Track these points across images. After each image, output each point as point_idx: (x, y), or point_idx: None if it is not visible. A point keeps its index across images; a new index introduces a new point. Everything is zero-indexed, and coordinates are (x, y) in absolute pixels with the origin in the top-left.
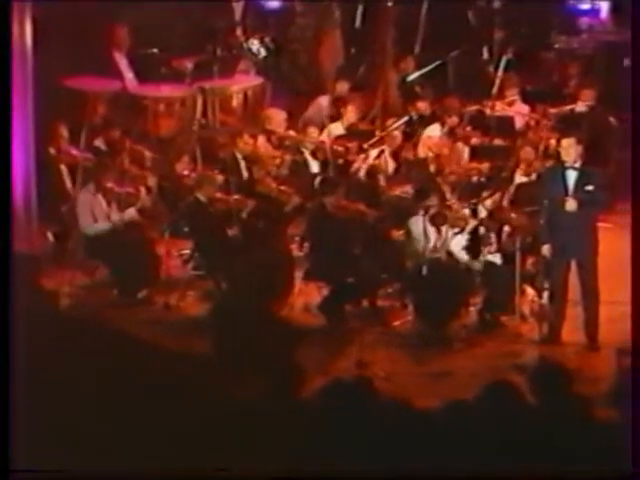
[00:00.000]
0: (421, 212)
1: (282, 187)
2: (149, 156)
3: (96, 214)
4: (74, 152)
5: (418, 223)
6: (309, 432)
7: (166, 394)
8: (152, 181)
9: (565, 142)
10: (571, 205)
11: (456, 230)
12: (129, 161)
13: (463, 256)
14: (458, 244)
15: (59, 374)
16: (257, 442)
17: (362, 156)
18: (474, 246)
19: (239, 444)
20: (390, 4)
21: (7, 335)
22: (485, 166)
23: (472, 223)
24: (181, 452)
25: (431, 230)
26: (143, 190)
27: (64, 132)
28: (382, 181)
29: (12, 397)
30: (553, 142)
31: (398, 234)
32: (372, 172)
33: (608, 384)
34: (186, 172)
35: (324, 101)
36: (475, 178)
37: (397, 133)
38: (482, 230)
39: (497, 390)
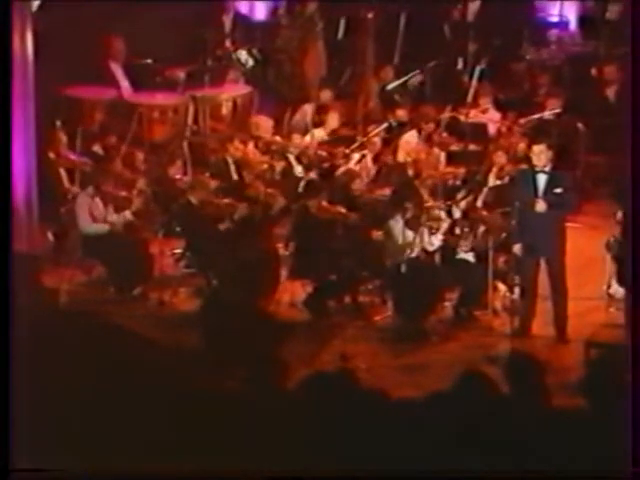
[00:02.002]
0: (400, 213)
1: (269, 190)
2: (143, 161)
3: (94, 215)
4: (72, 157)
5: (397, 224)
6: (294, 422)
7: (161, 387)
8: (146, 184)
9: (536, 148)
10: (541, 206)
11: (433, 230)
12: (124, 165)
13: (439, 254)
14: (435, 243)
15: (59, 371)
16: (244, 433)
17: (344, 161)
18: (449, 245)
19: (226, 435)
20: (370, 17)
21: (8, 332)
22: (460, 170)
23: (448, 223)
24: (172, 443)
25: (409, 230)
26: (137, 193)
27: (63, 138)
28: (363, 184)
29: (12, 396)
30: (523, 146)
31: (378, 234)
32: (353, 176)
33: (576, 375)
34: (178, 176)
35: (308, 108)
36: (451, 181)
37: (376, 139)
38: (457, 230)
39: (471, 381)
